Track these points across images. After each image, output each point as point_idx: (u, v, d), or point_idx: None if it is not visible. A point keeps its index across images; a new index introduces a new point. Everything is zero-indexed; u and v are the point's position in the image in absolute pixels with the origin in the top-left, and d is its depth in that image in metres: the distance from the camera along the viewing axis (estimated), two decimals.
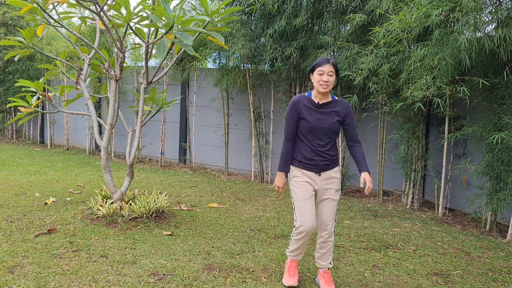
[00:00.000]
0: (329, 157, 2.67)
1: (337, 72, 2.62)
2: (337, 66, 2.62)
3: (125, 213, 3.93)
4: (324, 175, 2.70)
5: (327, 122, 2.63)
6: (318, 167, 2.67)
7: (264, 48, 5.97)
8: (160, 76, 4.08)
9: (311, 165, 2.67)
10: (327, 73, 2.57)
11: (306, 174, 2.70)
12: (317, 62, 2.62)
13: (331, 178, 2.71)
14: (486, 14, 3.90)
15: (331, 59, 2.61)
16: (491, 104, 4.37)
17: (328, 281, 2.76)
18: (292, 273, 2.81)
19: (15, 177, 5.88)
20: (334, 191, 2.72)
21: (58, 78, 9.36)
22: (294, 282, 2.77)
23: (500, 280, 3.09)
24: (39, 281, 2.66)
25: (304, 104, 2.67)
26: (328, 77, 2.57)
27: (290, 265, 2.85)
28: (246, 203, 5.16)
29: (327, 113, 2.65)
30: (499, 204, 4.08)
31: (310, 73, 2.68)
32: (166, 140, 8.09)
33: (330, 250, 2.77)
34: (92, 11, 3.58)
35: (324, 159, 2.66)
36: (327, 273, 2.81)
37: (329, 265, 2.81)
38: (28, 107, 4.32)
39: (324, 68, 2.57)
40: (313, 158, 2.66)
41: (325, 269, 2.82)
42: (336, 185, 2.73)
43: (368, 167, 2.76)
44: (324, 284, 2.75)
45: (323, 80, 2.57)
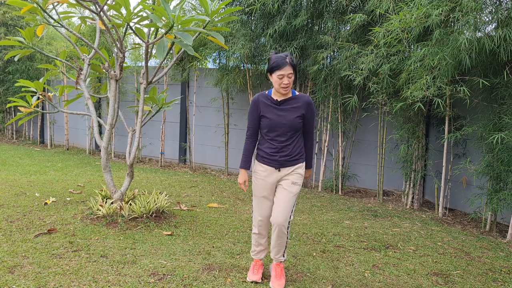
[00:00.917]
0: (290, 153, 2.70)
1: (295, 69, 2.62)
2: (294, 64, 2.61)
3: (125, 213, 3.93)
4: (284, 170, 2.73)
5: (287, 118, 2.66)
6: (277, 162, 2.71)
7: (264, 48, 5.97)
8: (160, 76, 4.07)
9: (271, 160, 2.73)
10: (286, 76, 2.58)
11: (267, 169, 2.75)
12: (276, 64, 2.57)
13: (291, 171, 2.73)
14: (486, 14, 3.90)
15: (288, 57, 2.58)
16: (491, 104, 4.37)
17: (279, 275, 2.78)
18: (256, 271, 2.87)
19: (15, 177, 5.88)
20: (290, 183, 2.71)
21: (58, 78, 9.36)
22: (257, 278, 2.82)
23: (500, 280, 3.09)
24: (39, 281, 2.66)
25: (263, 102, 2.73)
26: (288, 80, 2.58)
27: (254, 264, 2.91)
28: (246, 203, 5.16)
29: (287, 110, 2.68)
30: (499, 204, 4.08)
31: (268, 74, 2.68)
32: (166, 140, 8.09)
33: (283, 244, 2.77)
34: (92, 11, 3.58)
35: (284, 155, 2.70)
36: (279, 266, 2.82)
37: (282, 258, 2.82)
38: (28, 107, 4.32)
39: (283, 72, 2.56)
40: (273, 154, 2.72)
41: (277, 262, 2.84)
42: (294, 178, 2.72)
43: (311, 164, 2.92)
44: (274, 278, 2.78)
45: (283, 83, 2.59)
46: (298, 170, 2.75)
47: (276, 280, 2.76)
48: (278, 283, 2.74)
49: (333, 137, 6.28)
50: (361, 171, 6.30)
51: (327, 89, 5.84)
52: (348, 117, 6.05)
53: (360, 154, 6.30)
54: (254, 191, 2.82)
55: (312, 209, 5.02)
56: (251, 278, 2.83)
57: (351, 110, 5.92)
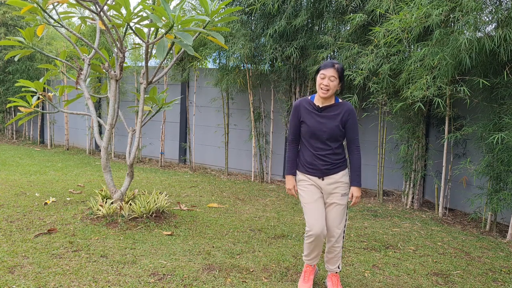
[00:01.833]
0: (331, 161, 2.62)
1: (341, 77, 2.57)
2: (342, 71, 2.56)
3: (125, 213, 3.93)
4: (328, 179, 2.64)
5: (328, 126, 2.59)
6: (319, 171, 2.63)
7: (264, 48, 5.97)
8: (160, 76, 4.07)
9: (313, 169, 2.65)
10: (328, 77, 2.53)
11: (311, 178, 2.68)
12: (322, 65, 2.59)
13: (336, 183, 2.64)
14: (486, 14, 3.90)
15: (337, 63, 2.56)
16: (491, 104, 4.37)
17: (335, 284, 2.77)
18: (306, 279, 2.80)
19: (15, 177, 5.88)
20: (340, 196, 2.64)
21: (58, 78, 9.36)
22: (309, 286, 2.77)
23: (500, 280, 3.09)
24: (39, 281, 2.66)
25: (305, 108, 2.67)
26: (328, 82, 2.53)
27: (305, 270, 2.83)
28: (246, 203, 5.16)
29: (328, 117, 2.61)
30: (499, 204, 4.08)
31: (315, 75, 2.65)
32: (166, 140, 8.09)
33: (338, 255, 2.74)
34: (92, 11, 3.58)
35: (325, 163, 2.61)
36: (335, 276, 2.80)
37: (337, 269, 2.79)
38: (28, 107, 4.32)
39: (326, 72, 2.54)
40: (314, 163, 2.64)
41: (333, 272, 2.81)
42: (342, 190, 2.65)
43: (361, 180, 2.69)
44: (331, 287, 2.77)
45: (323, 84, 2.54)
46: (343, 178, 2.65)
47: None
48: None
49: None
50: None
51: None
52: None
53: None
54: (303, 200, 2.68)
55: None
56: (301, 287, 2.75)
57: None
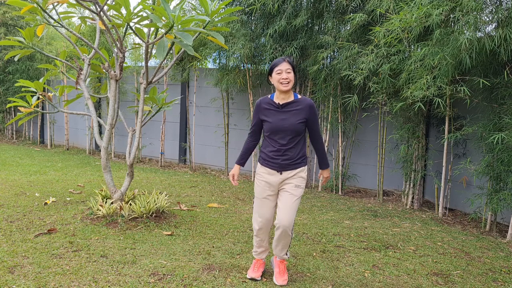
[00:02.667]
0: (292, 157, 2.71)
1: (294, 69, 2.70)
2: (293, 64, 2.71)
3: (125, 213, 3.93)
4: (286, 174, 2.74)
5: (289, 122, 2.68)
6: (279, 165, 2.72)
7: (264, 48, 5.97)
8: (160, 76, 4.07)
9: (273, 163, 2.74)
10: (285, 71, 2.65)
11: (269, 172, 2.76)
12: (274, 63, 2.72)
13: (293, 175, 2.73)
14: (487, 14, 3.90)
15: (286, 57, 2.70)
16: (491, 104, 4.37)
17: (282, 272, 2.85)
18: (256, 269, 2.90)
19: (15, 177, 5.88)
20: (294, 186, 2.73)
21: (58, 78, 9.35)
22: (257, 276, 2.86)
23: (500, 280, 3.09)
24: (39, 281, 2.66)
25: (264, 107, 2.78)
26: (286, 74, 2.64)
27: (255, 263, 2.94)
28: (246, 203, 5.16)
29: (289, 113, 2.70)
30: (499, 204, 4.08)
31: (269, 76, 2.76)
32: (166, 140, 8.09)
33: (286, 244, 2.80)
34: (92, 11, 3.58)
35: (286, 158, 2.71)
36: (282, 264, 2.88)
37: (285, 256, 2.87)
38: (28, 107, 4.32)
39: (281, 67, 2.66)
40: (275, 157, 2.73)
41: (280, 259, 2.88)
42: (297, 181, 2.73)
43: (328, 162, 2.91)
44: (278, 274, 2.84)
45: (282, 78, 2.65)
46: (301, 173, 2.76)
47: (280, 276, 2.83)
48: (282, 278, 2.81)
49: (333, 137, 6.28)
50: (361, 171, 6.30)
51: (327, 89, 5.84)
52: (348, 117, 6.05)
53: (360, 154, 6.29)
54: (256, 193, 2.83)
55: (312, 209, 5.02)
56: (250, 275, 2.86)
57: (351, 110, 5.92)
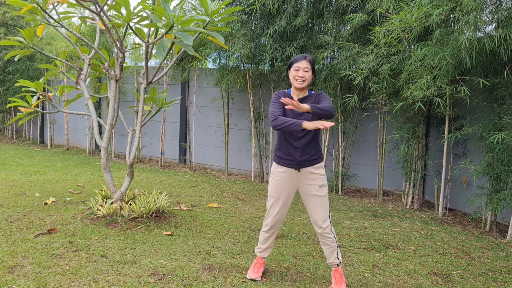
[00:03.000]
0: (308, 152, 2.68)
1: (313, 68, 2.69)
2: (313, 62, 2.70)
3: (125, 213, 3.93)
4: (304, 171, 2.71)
5: (305, 117, 2.66)
6: (297, 163, 2.69)
7: (264, 48, 5.97)
8: (160, 76, 4.07)
9: (290, 161, 2.71)
10: (302, 69, 2.64)
11: (286, 170, 2.73)
12: (294, 59, 2.70)
13: (313, 174, 2.71)
14: (487, 14, 3.90)
15: (308, 56, 2.68)
16: (491, 104, 4.37)
17: (339, 281, 2.76)
18: (256, 269, 2.88)
19: (15, 177, 5.88)
20: (318, 187, 2.71)
21: (58, 78, 9.35)
22: (257, 277, 2.84)
23: (500, 280, 3.09)
24: (39, 281, 2.66)
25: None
26: (303, 73, 2.64)
27: (256, 262, 2.92)
28: (246, 203, 5.16)
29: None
30: (499, 204, 4.08)
31: (287, 70, 2.75)
32: (166, 140, 8.09)
33: (333, 245, 2.74)
34: (92, 11, 3.58)
35: (303, 154, 2.68)
36: (338, 272, 2.79)
37: (337, 261, 2.77)
38: (28, 107, 4.32)
39: (300, 64, 2.65)
40: (292, 154, 2.70)
41: (335, 267, 2.80)
42: (319, 181, 2.71)
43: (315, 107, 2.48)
44: (334, 284, 2.76)
45: (298, 75, 2.64)
46: (320, 170, 2.73)
47: (336, 286, 2.75)
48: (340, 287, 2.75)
49: (333, 137, 6.28)
50: (361, 171, 6.30)
51: (327, 89, 5.83)
52: (348, 117, 6.05)
53: (360, 154, 6.29)
54: (270, 192, 2.79)
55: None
56: (250, 276, 2.85)
57: (351, 110, 5.91)
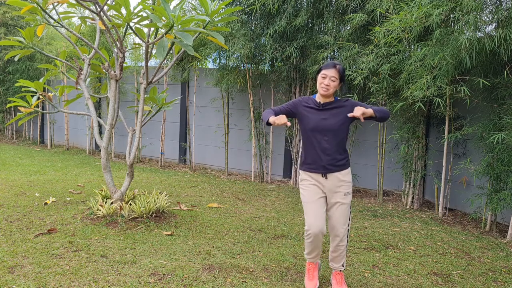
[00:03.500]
0: (334, 158, 2.64)
1: (342, 78, 2.62)
2: (343, 72, 2.62)
3: (125, 213, 3.93)
4: (331, 177, 2.66)
5: (330, 122, 2.62)
6: (324, 168, 2.65)
7: (264, 48, 5.97)
8: (160, 76, 4.07)
9: (315, 167, 2.67)
10: (329, 77, 2.58)
11: (313, 177, 2.70)
12: (324, 65, 2.65)
13: (340, 181, 2.66)
14: (487, 14, 3.90)
15: (338, 64, 2.62)
16: (491, 104, 4.37)
17: (340, 282, 2.79)
18: (310, 276, 2.83)
19: (15, 177, 5.88)
20: (343, 194, 2.66)
21: (58, 78, 9.35)
22: (313, 286, 2.79)
23: (500, 280, 3.09)
24: (39, 281, 2.66)
25: (306, 104, 2.71)
26: (329, 81, 2.58)
27: (309, 268, 2.86)
28: (246, 203, 5.16)
29: (330, 113, 2.64)
30: (499, 204, 4.08)
31: (316, 75, 2.70)
32: (166, 140, 8.09)
33: (343, 253, 2.76)
34: (92, 11, 3.58)
35: (329, 159, 2.63)
36: (339, 274, 2.82)
37: (341, 268, 2.81)
38: (28, 107, 4.32)
39: (327, 72, 2.60)
40: (317, 160, 2.66)
41: (337, 271, 2.83)
42: (345, 188, 2.67)
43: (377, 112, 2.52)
44: (336, 285, 2.79)
45: (324, 83, 2.60)
46: (346, 177, 2.68)
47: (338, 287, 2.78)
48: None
49: None
50: (361, 171, 6.30)
51: None
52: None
53: (360, 154, 6.29)
54: (304, 198, 2.71)
55: None
56: (308, 286, 2.78)
57: None
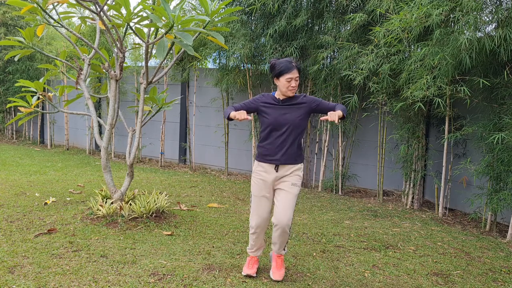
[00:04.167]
0: (290, 152, 2.73)
1: (300, 73, 2.73)
2: (300, 68, 2.73)
3: (125, 213, 3.93)
4: (282, 170, 2.76)
5: (289, 117, 2.72)
6: (277, 161, 2.74)
7: (264, 48, 5.97)
8: (160, 76, 4.07)
9: (271, 159, 2.76)
10: (294, 79, 2.68)
11: (266, 169, 2.78)
12: (284, 68, 2.66)
13: (289, 171, 2.76)
14: (486, 14, 3.90)
15: (293, 62, 2.69)
16: (491, 104, 4.37)
17: (279, 266, 2.89)
18: (251, 266, 2.93)
19: (15, 177, 5.88)
20: (290, 184, 2.76)
21: (58, 78, 9.35)
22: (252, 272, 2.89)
23: (500, 280, 3.09)
24: (39, 281, 2.66)
25: (265, 102, 2.79)
26: (295, 82, 2.68)
27: (249, 260, 2.97)
28: (246, 203, 5.16)
29: (289, 108, 2.74)
30: (499, 204, 4.08)
31: (275, 78, 2.74)
32: (166, 140, 8.09)
33: (284, 240, 2.83)
34: (92, 11, 3.58)
35: (284, 153, 2.73)
36: (280, 258, 2.91)
37: (282, 251, 2.90)
38: (28, 107, 4.32)
39: (291, 75, 2.67)
40: (274, 153, 2.74)
41: (278, 254, 2.91)
42: (293, 180, 2.76)
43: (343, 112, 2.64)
44: (275, 268, 2.88)
45: (291, 85, 2.69)
46: (297, 172, 2.79)
47: (276, 271, 2.87)
48: (278, 273, 2.86)
49: (333, 137, 6.28)
50: (361, 171, 6.30)
51: (327, 89, 5.83)
52: (348, 117, 6.05)
53: (360, 154, 6.29)
54: (253, 191, 2.86)
55: (312, 209, 5.02)
56: (246, 272, 2.90)
57: (351, 110, 5.91)
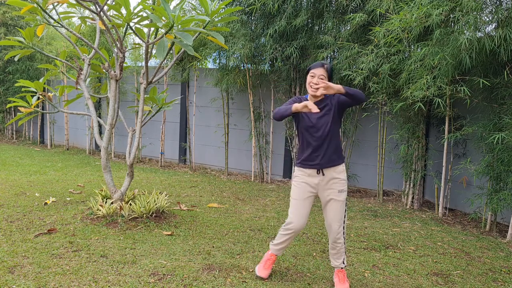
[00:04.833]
0: (328, 154, 2.69)
1: (330, 77, 2.68)
2: (331, 71, 2.67)
3: (125, 213, 3.93)
4: (326, 173, 2.71)
5: (323, 119, 2.68)
6: (317, 165, 2.71)
7: (264, 48, 5.97)
8: (160, 76, 4.07)
9: (312, 164, 2.72)
10: (318, 76, 2.63)
11: (308, 173, 2.74)
12: (312, 65, 2.70)
13: (334, 179, 2.72)
14: (487, 14, 3.90)
15: (326, 63, 2.66)
16: (491, 104, 4.37)
17: (342, 280, 2.82)
18: (267, 266, 2.89)
19: (15, 177, 5.88)
20: (337, 192, 2.72)
21: (58, 78, 9.35)
22: (265, 275, 2.86)
23: (500, 280, 3.09)
24: (39, 281, 2.66)
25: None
26: (318, 80, 2.61)
27: (269, 258, 2.92)
28: (246, 203, 5.16)
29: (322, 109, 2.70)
30: (499, 204, 4.08)
31: (306, 75, 2.75)
32: (166, 140, 8.09)
33: (341, 251, 2.80)
34: (92, 11, 3.58)
35: (323, 156, 2.69)
36: (341, 272, 2.84)
37: (342, 265, 2.84)
38: (28, 107, 4.32)
39: (316, 71, 2.64)
40: (311, 157, 2.71)
41: (338, 269, 2.85)
42: (339, 186, 2.72)
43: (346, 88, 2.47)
44: (338, 283, 2.81)
45: (313, 82, 2.63)
46: (340, 175, 2.74)
47: (341, 284, 2.79)
48: (343, 286, 2.79)
49: None
50: (361, 171, 6.30)
51: None
52: (348, 117, 6.05)
53: (360, 154, 6.29)
54: (294, 194, 2.78)
55: (312, 209, 5.02)
56: (259, 273, 2.86)
57: (351, 110, 5.91)
